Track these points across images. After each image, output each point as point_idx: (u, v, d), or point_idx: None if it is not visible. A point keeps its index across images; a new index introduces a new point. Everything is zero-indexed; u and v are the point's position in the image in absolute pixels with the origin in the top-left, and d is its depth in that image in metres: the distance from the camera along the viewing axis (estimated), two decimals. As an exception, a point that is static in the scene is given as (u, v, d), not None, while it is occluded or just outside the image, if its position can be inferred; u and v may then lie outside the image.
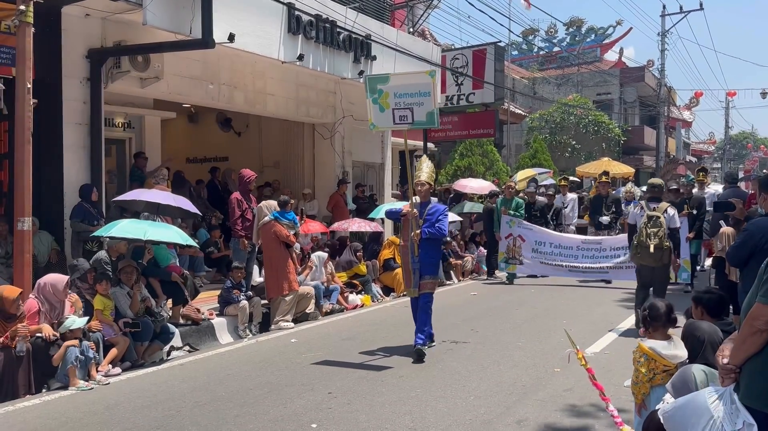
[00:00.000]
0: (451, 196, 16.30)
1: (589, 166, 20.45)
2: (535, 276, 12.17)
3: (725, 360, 2.76)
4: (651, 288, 7.81)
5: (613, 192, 13.38)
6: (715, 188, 16.76)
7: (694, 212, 10.80)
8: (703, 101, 63.14)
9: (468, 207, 14.80)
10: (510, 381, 5.64)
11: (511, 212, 11.99)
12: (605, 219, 11.85)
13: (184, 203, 7.86)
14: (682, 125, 43.12)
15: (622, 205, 12.39)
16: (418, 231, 6.54)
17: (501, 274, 12.23)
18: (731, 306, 6.65)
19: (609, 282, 11.40)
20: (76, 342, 5.71)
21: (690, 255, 10.64)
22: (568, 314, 8.83)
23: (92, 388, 5.65)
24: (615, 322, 8.17)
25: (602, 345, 6.97)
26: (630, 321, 8.22)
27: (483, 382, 5.63)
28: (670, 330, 3.89)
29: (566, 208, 13.38)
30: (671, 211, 7.76)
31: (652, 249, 7.39)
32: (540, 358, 6.41)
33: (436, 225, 6.58)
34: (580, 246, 11.55)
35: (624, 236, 11.14)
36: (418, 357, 6.37)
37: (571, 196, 13.73)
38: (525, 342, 7.11)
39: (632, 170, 20.99)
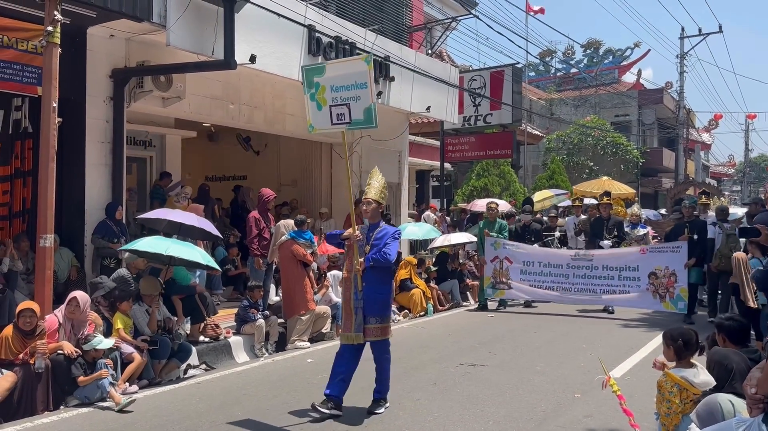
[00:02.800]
0: (468, 216, 16.27)
1: (588, 184, 19.29)
2: (530, 304, 11.50)
3: (753, 390, 2.71)
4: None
5: (640, 212, 13.08)
6: (735, 211, 16.47)
7: (695, 237, 10.18)
8: (722, 123, 62.75)
9: (485, 228, 14.73)
10: (529, 407, 5.56)
11: (494, 234, 11.44)
12: (606, 243, 10.96)
13: (208, 225, 7.89)
14: (701, 147, 42.80)
15: (627, 228, 11.71)
16: (362, 260, 5.37)
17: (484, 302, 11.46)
18: (753, 332, 6.58)
19: (611, 312, 10.72)
20: (106, 373, 5.75)
21: (689, 285, 10.06)
22: (586, 338, 8.71)
23: (109, 406, 5.66)
24: (635, 347, 8.04)
25: (623, 370, 6.85)
26: (651, 346, 8.10)
27: (502, 407, 5.55)
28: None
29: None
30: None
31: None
32: (559, 383, 6.32)
33: (383, 250, 5.36)
34: (570, 264, 10.86)
35: (615, 253, 10.65)
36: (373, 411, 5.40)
37: (585, 218, 13.40)
38: (544, 367, 7.01)
39: (633, 191, 20.12)
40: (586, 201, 16.03)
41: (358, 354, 5.53)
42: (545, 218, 14.77)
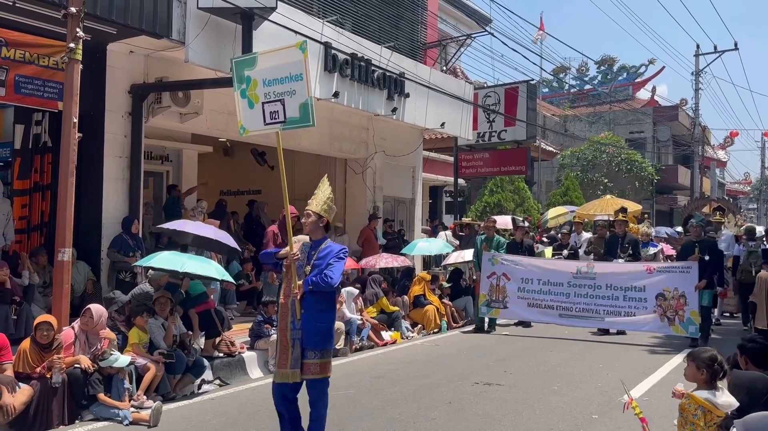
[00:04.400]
0: (480, 232, 16.15)
1: (591, 205, 18.09)
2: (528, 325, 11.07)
3: None
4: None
5: (650, 230, 12.84)
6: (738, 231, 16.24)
7: (706, 258, 9.64)
8: (738, 141, 62.23)
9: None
10: (546, 428, 5.49)
11: (492, 250, 10.91)
12: (620, 262, 10.57)
13: (226, 238, 7.91)
14: (716, 165, 42.50)
15: (640, 247, 11.09)
16: (300, 283, 4.59)
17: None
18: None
19: (618, 333, 10.34)
20: (127, 405, 5.79)
21: (702, 308, 9.57)
22: (603, 358, 8.61)
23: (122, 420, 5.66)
24: (652, 367, 7.94)
25: (641, 390, 6.75)
26: (668, 366, 8.00)
27: (518, 428, 5.48)
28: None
29: (580, 248, 12.38)
30: (762, 246, 11.16)
31: (754, 274, 10.16)
32: (576, 404, 6.23)
33: (325, 272, 4.54)
34: (571, 282, 10.21)
35: (620, 271, 10.13)
36: None
37: (586, 236, 12.76)
38: (560, 387, 6.93)
39: (639, 207, 19.46)
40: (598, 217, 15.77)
41: (295, 396, 4.66)
42: (558, 235, 14.61)
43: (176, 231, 7.80)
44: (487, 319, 10.88)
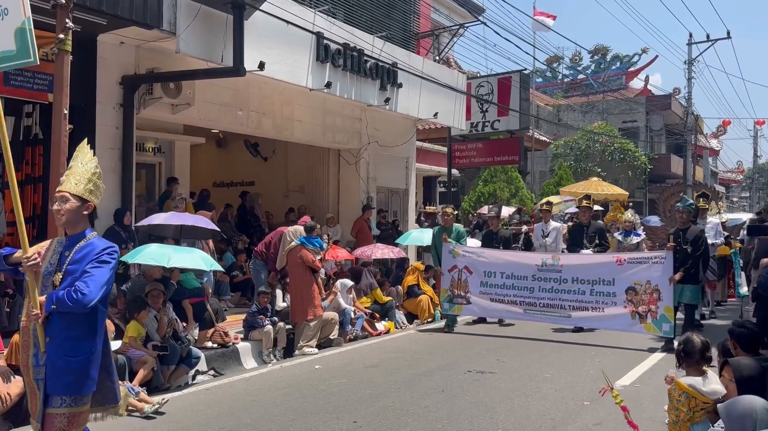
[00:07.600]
0: (475, 223, 16.22)
1: (576, 186, 18.39)
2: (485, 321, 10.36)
3: None
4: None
5: (636, 218, 12.51)
6: (740, 216, 16.31)
7: (689, 249, 8.45)
8: (731, 130, 62.47)
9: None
10: (538, 414, 5.54)
11: (452, 241, 10.00)
12: (587, 253, 9.79)
13: (201, 221, 7.94)
14: (709, 154, 42.65)
15: (619, 236, 10.32)
16: (43, 299, 3.19)
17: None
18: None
19: (581, 330, 9.52)
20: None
21: (685, 306, 8.71)
22: (595, 346, 8.66)
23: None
24: (644, 354, 8.01)
25: (632, 377, 6.82)
26: (660, 353, 8.06)
27: (511, 415, 5.53)
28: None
29: (547, 237, 10.99)
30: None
31: None
32: (568, 391, 6.29)
33: (76, 284, 3.13)
34: (536, 276, 9.39)
35: (587, 262, 9.26)
36: None
37: (554, 224, 11.42)
38: (553, 374, 6.99)
39: (626, 193, 18.63)
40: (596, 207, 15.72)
41: None
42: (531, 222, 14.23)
43: (156, 225, 7.84)
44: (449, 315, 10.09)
